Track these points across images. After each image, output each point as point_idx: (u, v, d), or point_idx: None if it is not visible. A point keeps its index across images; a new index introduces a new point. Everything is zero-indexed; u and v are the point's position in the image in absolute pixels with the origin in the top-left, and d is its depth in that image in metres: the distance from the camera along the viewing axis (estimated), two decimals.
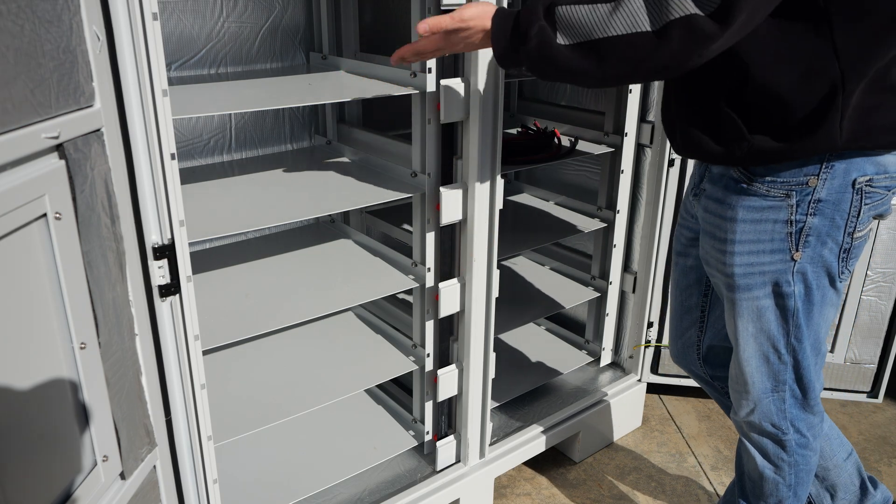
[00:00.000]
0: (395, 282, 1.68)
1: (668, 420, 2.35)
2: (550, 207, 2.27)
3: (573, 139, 2.06)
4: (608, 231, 2.12)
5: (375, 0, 2.00)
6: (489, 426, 1.85)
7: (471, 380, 1.75)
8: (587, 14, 1.08)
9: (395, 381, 2.02)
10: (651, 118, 2.00)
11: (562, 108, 2.27)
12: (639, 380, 2.26)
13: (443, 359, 1.76)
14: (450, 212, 1.57)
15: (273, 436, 1.83)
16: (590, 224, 2.11)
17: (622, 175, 2.05)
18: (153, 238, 1.13)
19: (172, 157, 1.11)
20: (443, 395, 1.75)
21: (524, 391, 2.09)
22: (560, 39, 1.11)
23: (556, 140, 1.99)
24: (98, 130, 0.99)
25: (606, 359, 2.30)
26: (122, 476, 1.10)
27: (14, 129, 0.83)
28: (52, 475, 0.96)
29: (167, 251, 1.15)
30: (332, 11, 1.83)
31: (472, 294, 1.66)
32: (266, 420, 1.52)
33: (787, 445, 1.40)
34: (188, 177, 1.67)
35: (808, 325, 1.30)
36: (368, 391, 2.02)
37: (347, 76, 1.71)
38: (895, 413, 2.42)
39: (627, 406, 2.23)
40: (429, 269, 1.65)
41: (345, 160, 1.83)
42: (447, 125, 1.53)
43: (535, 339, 2.37)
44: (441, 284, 1.64)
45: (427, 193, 1.57)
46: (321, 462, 1.76)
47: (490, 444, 1.89)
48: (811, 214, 1.21)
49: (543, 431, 2.01)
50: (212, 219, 1.42)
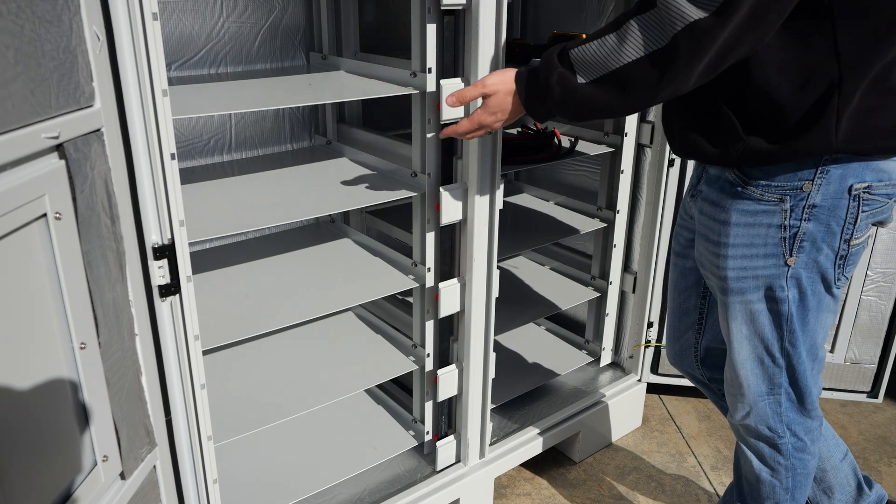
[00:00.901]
0: (395, 282, 1.68)
1: (668, 420, 2.35)
2: (550, 207, 2.27)
3: (573, 139, 2.07)
4: (608, 231, 2.12)
5: (375, 0, 2.00)
6: (489, 426, 1.85)
7: (471, 380, 1.75)
8: (598, 48, 1.11)
9: (395, 381, 2.02)
10: (651, 118, 2.00)
11: None
12: (639, 380, 2.26)
13: (443, 359, 1.77)
14: (450, 212, 1.57)
15: (273, 436, 1.83)
16: (590, 224, 2.11)
17: (622, 175, 2.05)
18: (153, 238, 1.13)
19: (172, 157, 1.11)
20: (443, 395, 1.75)
21: (524, 391, 2.09)
22: (580, 79, 1.14)
23: (556, 140, 1.99)
24: (98, 130, 0.99)
25: (606, 359, 2.30)
26: (122, 476, 1.10)
27: (14, 129, 0.83)
28: (52, 475, 0.96)
29: (167, 251, 1.15)
30: (332, 11, 1.83)
31: (472, 294, 1.66)
32: (266, 420, 1.52)
33: (784, 449, 1.39)
34: (188, 177, 1.67)
35: (804, 331, 1.29)
36: (368, 391, 2.02)
37: (347, 76, 1.71)
38: (895, 413, 2.42)
39: (627, 406, 2.23)
40: (429, 269, 1.65)
41: (345, 160, 1.83)
42: (447, 125, 1.53)
43: (535, 339, 2.37)
44: (441, 284, 1.64)
45: (427, 193, 1.57)
46: (321, 462, 1.76)
47: (490, 444, 1.89)
48: (805, 220, 1.20)
49: (543, 431, 2.01)
50: (212, 219, 1.42)
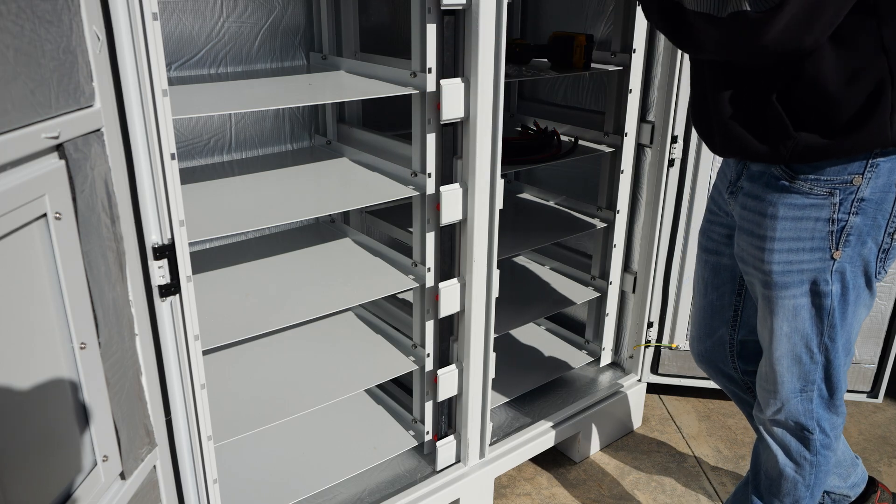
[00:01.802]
0: (395, 282, 1.68)
1: (668, 420, 2.35)
2: (550, 207, 2.27)
3: (573, 139, 2.07)
4: (608, 231, 2.12)
5: (375, 0, 2.00)
6: (489, 426, 1.85)
7: (471, 380, 1.75)
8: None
9: (395, 381, 2.02)
10: (651, 118, 2.00)
11: (562, 108, 2.27)
12: (639, 380, 2.26)
13: (443, 359, 1.76)
14: (450, 212, 1.57)
15: (273, 436, 1.83)
16: (590, 224, 2.11)
17: (622, 175, 2.04)
18: (153, 238, 1.13)
19: (172, 157, 1.11)
20: (443, 395, 1.75)
21: (524, 391, 2.09)
22: (687, 3, 1.15)
23: (556, 140, 1.99)
24: (98, 130, 0.99)
25: (606, 359, 2.30)
26: (122, 476, 1.10)
27: (14, 129, 0.83)
28: (53, 475, 0.96)
29: (167, 251, 1.15)
30: (332, 11, 1.83)
31: (472, 294, 1.66)
32: (266, 420, 1.52)
33: (812, 445, 1.40)
34: (188, 177, 1.67)
35: (843, 325, 1.30)
36: (368, 391, 2.02)
37: (347, 76, 1.71)
38: (895, 413, 2.42)
39: (627, 406, 2.23)
40: (429, 269, 1.65)
41: (345, 160, 1.83)
42: (447, 125, 1.53)
43: (535, 339, 2.37)
44: (441, 284, 1.64)
45: (427, 193, 1.57)
46: (321, 462, 1.76)
47: (490, 444, 1.89)
48: (853, 213, 1.21)
49: (543, 431, 2.01)
50: (212, 219, 1.42)
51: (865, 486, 1.69)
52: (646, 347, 2.23)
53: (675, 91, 1.90)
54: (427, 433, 1.82)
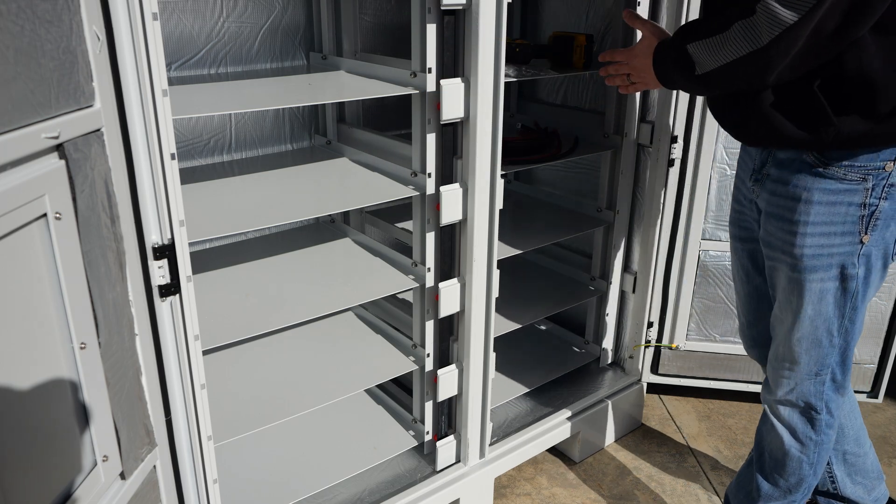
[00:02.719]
0: (395, 282, 1.68)
1: (668, 420, 2.35)
2: (550, 208, 2.27)
3: (573, 139, 2.06)
4: (608, 231, 2.12)
5: (375, 0, 2.00)
6: (489, 426, 1.85)
7: (471, 380, 1.75)
8: (708, 46, 1.23)
9: (395, 381, 2.02)
10: (651, 118, 1.99)
11: (562, 108, 2.27)
12: (639, 380, 2.26)
13: (443, 359, 1.76)
14: (450, 212, 1.57)
15: (273, 435, 1.83)
16: (590, 224, 2.11)
17: (622, 175, 2.05)
18: (153, 238, 1.13)
19: (172, 157, 1.11)
20: (443, 395, 1.75)
21: (524, 391, 2.09)
22: (698, 70, 1.26)
23: (556, 140, 1.99)
24: (98, 130, 0.99)
25: (606, 359, 2.30)
26: (122, 476, 1.10)
27: (14, 129, 0.83)
28: (53, 475, 0.96)
29: (167, 251, 1.15)
30: (332, 11, 1.83)
31: (472, 294, 1.66)
32: (266, 420, 1.52)
33: (818, 425, 1.44)
34: (188, 177, 1.67)
35: (862, 307, 1.35)
36: (368, 391, 2.02)
37: (347, 76, 1.71)
38: (895, 413, 2.42)
39: (627, 406, 2.23)
40: (429, 269, 1.65)
41: (345, 160, 1.83)
42: (447, 125, 1.53)
43: (535, 339, 2.37)
44: (441, 284, 1.64)
45: (427, 193, 1.57)
46: (321, 462, 1.76)
47: (490, 444, 1.89)
48: (884, 198, 1.25)
49: (543, 431, 2.01)
50: (212, 219, 1.42)
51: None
52: (646, 347, 2.23)
53: (675, 91, 1.90)
54: (427, 433, 1.82)
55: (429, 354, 1.73)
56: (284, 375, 1.70)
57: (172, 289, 1.17)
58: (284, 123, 1.95)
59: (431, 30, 1.42)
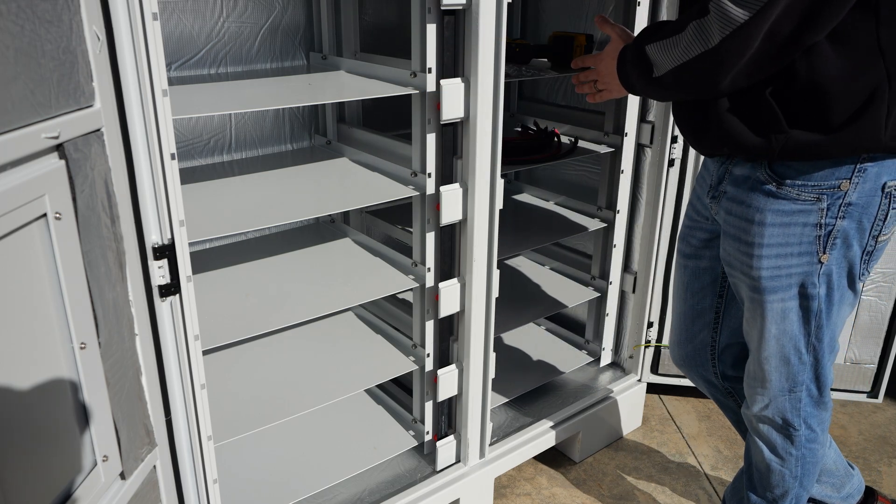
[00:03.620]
0: (395, 282, 1.68)
1: (668, 420, 2.35)
2: (550, 207, 2.27)
3: (573, 139, 2.07)
4: (608, 231, 2.12)
5: (375, 0, 2.00)
6: (489, 426, 1.85)
7: (471, 380, 1.75)
8: (664, 47, 1.21)
9: (395, 381, 2.02)
10: (651, 118, 1.99)
11: (562, 108, 2.27)
12: (639, 380, 2.26)
13: (443, 359, 1.76)
14: (450, 212, 1.57)
15: (273, 435, 1.83)
16: (590, 224, 2.11)
17: (622, 175, 2.04)
18: (153, 238, 1.13)
19: (172, 157, 1.11)
20: (443, 395, 1.75)
21: (524, 391, 2.09)
22: (655, 72, 1.23)
23: (556, 140, 1.99)
24: (98, 130, 0.99)
25: (606, 359, 2.30)
26: (122, 476, 1.10)
27: (14, 129, 0.83)
28: (52, 475, 0.96)
29: (167, 251, 1.15)
30: (332, 11, 1.83)
31: (472, 294, 1.66)
32: (266, 420, 1.52)
33: (796, 440, 1.42)
34: (188, 177, 1.67)
35: (828, 325, 1.31)
36: (368, 391, 2.02)
37: (347, 76, 1.71)
38: (895, 413, 2.42)
39: (627, 406, 2.23)
40: (429, 269, 1.65)
41: (345, 160, 1.83)
42: (447, 125, 1.53)
43: (535, 339, 2.37)
44: (441, 284, 1.64)
45: (427, 193, 1.57)
46: (321, 462, 1.76)
47: (490, 444, 1.89)
48: (841, 218, 1.21)
49: (543, 431, 2.01)
50: (212, 219, 1.42)
51: (863, 497, 1.69)
52: (646, 347, 2.23)
53: None
54: (427, 433, 1.82)
55: (429, 354, 1.73)
56: (284, 375, 1.70)
57: (172, 289, 1.18)
58: (284, 123, 1.95)
59: (431, 30, 1.42)
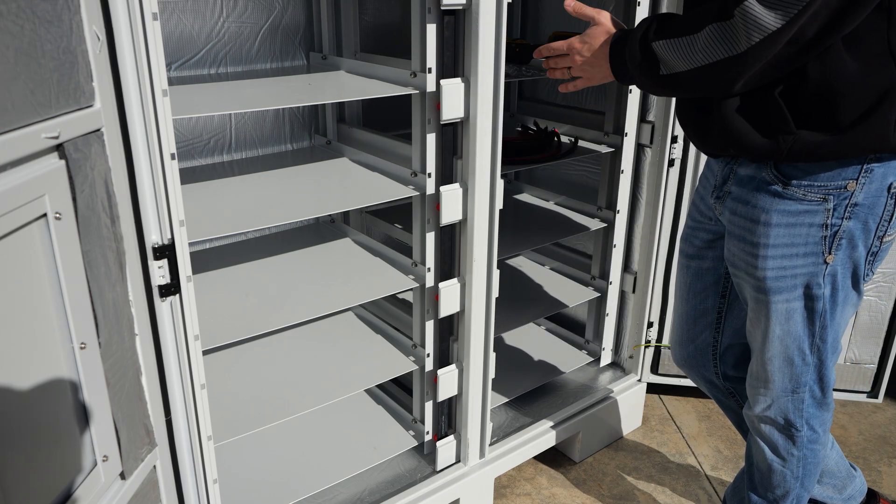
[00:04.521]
0: (395, 282, 1.68)
1: (668, 420, 2.35)
2: (550, 207, 2.27)
3: (573, 139, 2.07)
4: (608, 231, 2.12)
5: (375, 0, 2.00)
6: (489, 426, 1.85)
7: (471, 380, 1.75)
8: (678, 46, 1.16)
9: (395, 381, 2.02)
10: (651, 118, 1.99)
11: (562, 108, 2.27)
12: (639, 380, 2.26)
13: (443, 359, 1.76)
14: (450, 212, 1.57)
15: (273, 435, 1.83)
16: (590, 224, 2.11)
17: (622, 175, 2.04)
18: (153, 238, 1.13)
19: (172, 157, 1.11)
20: (443, 395, 1.75)
21: (524, 391, 2.09)
22: (662, 70, 1.19)
23: (556, 140, 1.99)
24: (98, 130, 0.99)
25: (606, 359, 2.30)
26: (122, 476, 1.10)
27: (14, 129, 0.83)
28: (53, 475, 0.96)
29: (167, 251, 1.15)
30: (332, 11, 1.83)
31: (472, 294, 1.66)
32: (266, 420, 1.52)
33: (798, 441, 1.42)
34: (188, 177, 1.67)
35: (832, 326, 1.31)
36: (368, 391, 2.02)
37: (347, 76, 1.71)
38: (895, 413, 2.42)
39: (627, 406, 2.23)
40: (429, 269, 1.65)
41: (345, 160, 1.83)
42: (447, 125, 1.53)
43: (535, 339, 2.37)
44: (441, 284, 1.64)
45: (427, 193, 1.57)
46: (321, 462, 1.76)
47: (490, 444, 1.89)
48: (847, 218, 1.21)
49: (543, 431, 2.01)
50: (212, 219, 1.42)
51: (865, 498, 1.69)
52: (646, 347, 2.23)
53: None
54: (427, 433, 1.82)
55: (429, 354, 1.73)
56: (284, 375, 1.70)
57: (172, 289, 1.18)
58: (284, 123, 1.95)
59: (431, 30, 1.42)
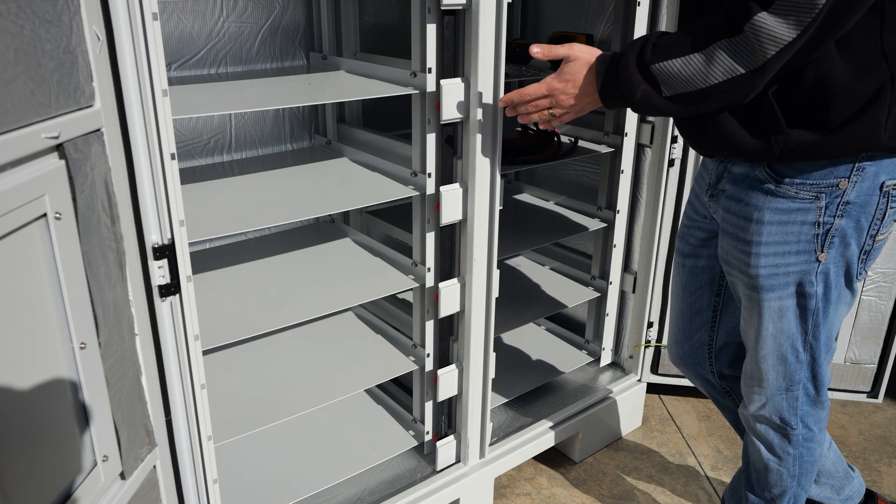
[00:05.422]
0: (395, 282, 1.68)
1: (668, 420, 2.35)
2: (550, 207, 2.27)
3: (573, 139, 2.07)
4: (608, 231, 2.12)
5: (375, 0, 2.00)
6: (489, 426, 1.85)
7: (471, 380, 1.75)
8: (683, 67, 1.13)
9: (395, 381, 2.02)
10: (651, 118, 1.99)
11: None
12: (639, 380, 2.26)
13: (443, 359, 1.76)
14: (450, 212, 1.57)
15: (273, 435, 1.83)
16: (590, 224, 2.11)
17: (622, 175, 2.04)
18: (153, 238, 1.13)
19: (172, 157, 1.11)
20: (443, 395, 1.75)
21: (524, 391, 2.09)
22: (665, 92, 1.17)
23: (556, 140, 1.99)
24: (98, 130, 0.99)
25: (606, 359, 2.30)
26: (122, 476, 1.10)
27: (14, 129, 0.83)
28: (53, 475, 0.96)
29: (167, 251, 1.15)
30: (332, 11, 1.83)
31: (472, 294, 1.66)
32: (266, 420, 1.52)
33: (794, 439, 1.42)
34: (188, 177, 1.67)
35: (825, 324, 1.31)
36: (368, 391, 2.02)
37: (347, 76, 1.71)
38: (895, 413, 2.42)
39: (627, 406, 2.23)
40: (429, 269, 1.65)
41: (345, 160, 1.83)
42: (447, 125, 1.53)
43: (535, 339, 2.37)
44: (441, 284, 1.64)
45: (427, 193, 1.57)
46: (321, 462, 1.76)
47: (490, 444, 1.89)
48: (839, 216, 1.21)
49: (543, 431, 2.01)
50: (212, 219, 1.42)
51: (863, 499, 1.69)
52: (646, 347, 2.23)
53: None
54: (427, 433, 1.82)
55: (429, 354, 1.73)
56: (284, 375, 1.70)
57: (172, 289, 1.18)
58: (284, 123, 1.95)
59: (431, 30, 1.42)
